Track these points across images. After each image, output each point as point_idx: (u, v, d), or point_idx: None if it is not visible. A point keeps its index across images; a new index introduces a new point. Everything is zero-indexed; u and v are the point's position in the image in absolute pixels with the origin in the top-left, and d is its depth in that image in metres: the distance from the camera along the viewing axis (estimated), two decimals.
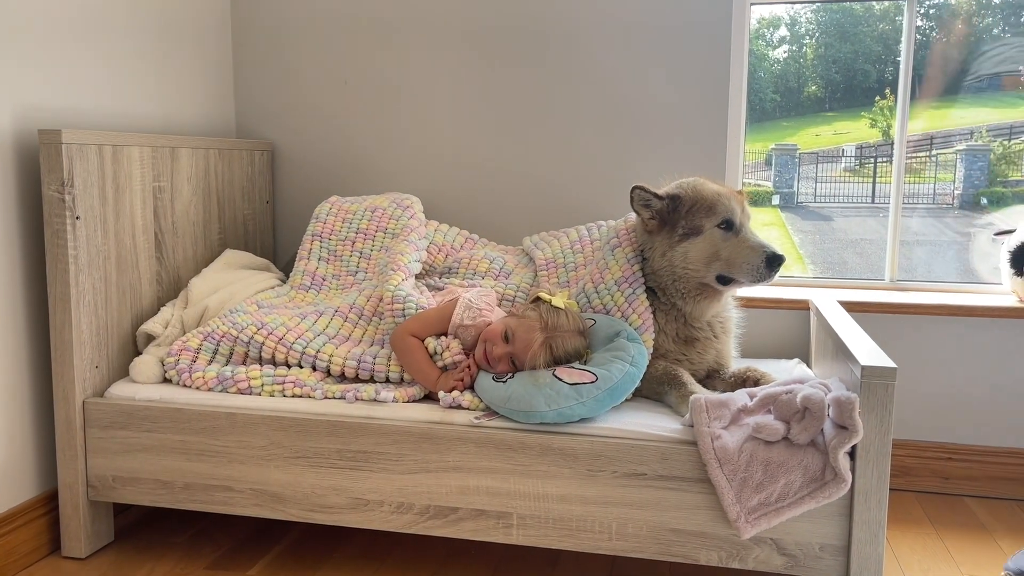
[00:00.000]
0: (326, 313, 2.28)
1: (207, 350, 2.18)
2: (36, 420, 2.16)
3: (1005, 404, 2.55)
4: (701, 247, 2.07)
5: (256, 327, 2.18)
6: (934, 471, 2.59)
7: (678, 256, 2.09)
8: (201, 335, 2.19)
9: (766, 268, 2.02)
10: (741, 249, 2.05)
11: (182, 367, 2.14)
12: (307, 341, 2.16)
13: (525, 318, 2.00)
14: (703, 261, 2.07)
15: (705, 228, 2.07)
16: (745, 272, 2.04)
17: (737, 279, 2.06)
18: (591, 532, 1.87)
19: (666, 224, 2.13)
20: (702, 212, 2.08)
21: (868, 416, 1.68)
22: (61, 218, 2.02)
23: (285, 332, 2.17)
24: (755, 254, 2.03)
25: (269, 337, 2.15)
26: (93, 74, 2.33)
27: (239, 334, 2.17)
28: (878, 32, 4.42)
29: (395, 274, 2.28)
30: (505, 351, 1.98)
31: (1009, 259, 2.53)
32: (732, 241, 2.06)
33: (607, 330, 2.05)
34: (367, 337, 2.23)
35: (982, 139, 4.87)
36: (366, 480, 1.96)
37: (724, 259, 2.05)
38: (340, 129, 2.94)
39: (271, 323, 2.19)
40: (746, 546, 1.79)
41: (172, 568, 2.11)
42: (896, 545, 2.25)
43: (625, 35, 2.70)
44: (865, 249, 5.37)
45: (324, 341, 2.17)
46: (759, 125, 4.53)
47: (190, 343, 2.18)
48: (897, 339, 2.58)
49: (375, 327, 2.26)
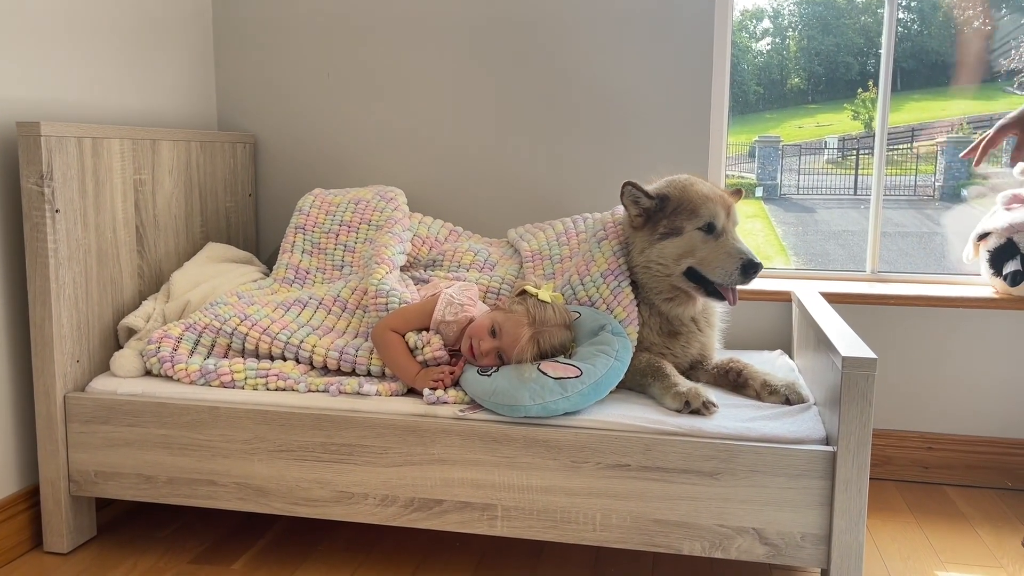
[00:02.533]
0: (309, 305, 2.28)
1: (188, 340, 2.16)
2: (17, 415, 2.14)
3: (985, 394, 2.58)
4: (678, 245, 2.08)
5: (239, 319, 2.17)
6: (914, 460, 2.62)
7: (654, 253, 2.10)
8: (183, 325, 2.18)
9: (740, 274, 2.03)
10: (719, 253, 2.05)
11: (164, 355, 2.12)
12: (291, 332, 2.15)
13: (512, 312, 2.00)
14: (673, 257, 2.08)
15: (686, 230, 2.08)
16: (718, 275, 2.04)
17: (708, 278, 2.07)
18: (575, 523, 1.88)
19: (649, 222, 2.14)
20: (685, 214, 2.09)
21: (848, 406, 1.70)
22: (40, 211, 2.01)
23: (269, 323, 2.16)
24: (731, 260, 2.03)
25: (253, 328, 2.14)
26: (72, 66, 2.30)
27: (222, 325, 2.16)
28: (860, 25, 4.45)
29: (379, 267, 2.28)
30: (492, 346, 1.98)
31: (988, 259, 2.57)
32: (711, 244, 2.07)
33: (592, 323, 2.05)
34: (351, 329, 2.23)
35: (963, 131, 4.91)
36: (350, 473, 1.96)
37: (699, 258, 2.06)
38: (323, 121, 2.92)
39: (255, 314, 2.19)
40: (728, 536, 1.81)
41: (155, 562, 2.10)
42: (876, 534, 2.27)
43: (608, 27, 2.70)
44: (848, 241, 5.41)
45: (308, 332, 2.16)
46: (742, 117, 4.55)
47: (171, 331, 2.17)
48: (878, 330, 2.60)
49: (359, 319, 2.25)
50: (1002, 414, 2.57)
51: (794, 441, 1.79)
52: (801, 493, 1.76)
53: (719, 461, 1.79)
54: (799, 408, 1.95)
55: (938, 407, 2.60)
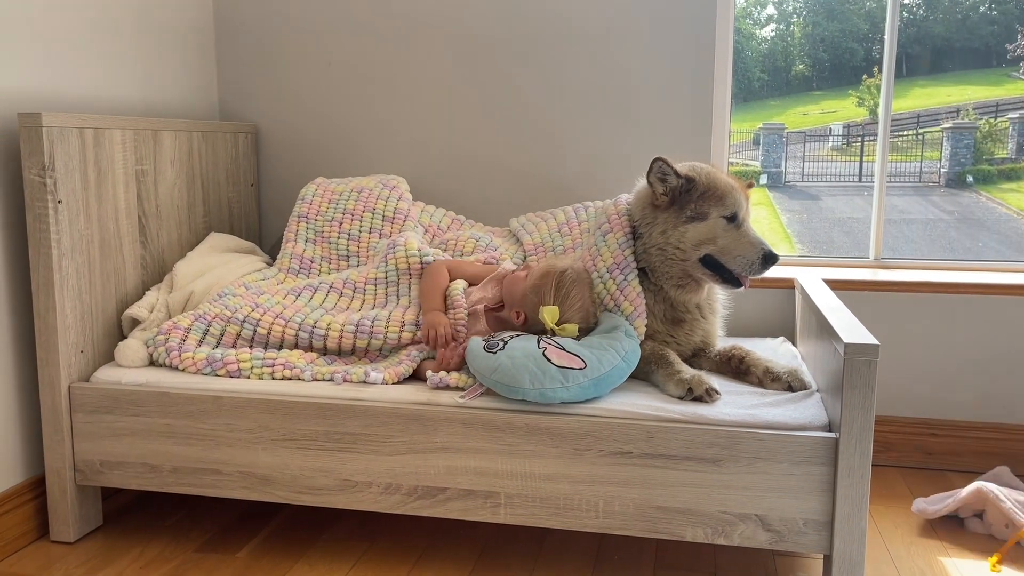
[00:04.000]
0: (320, 289, 2.31)
1: (197, 330, 2.17)
2: (22, 405, 2.15)
3: (987, 380, 2.57)
4: (701, 231, 2.08)
5: (251, 307, 2.19)
6: (917, 446, 2.62)
7: (675, 236, 2.10)
8: (192, 315, 2.19)
9: (760, 264, 2.06)
10: (740, 242, 2.07)
11: (171, 345, 2.13)
12: (305, 314, 2.19)
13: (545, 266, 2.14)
14: (694, 243, 2.08)
15: (711, 216, 2.09)
16: (738, 263, 2.07)
17: (727, 266, 2.07)
18: (578, 511, 1.88)
19: (675, 203, 2.13)
20: (713, 200, 2.09)
21: (851, 392, 1.70)
22: (43, 202, 2.01)
23: (282, 309, 2.19)
24: (752, 249, 2.07)
25: (266, 314, 2.16)
26: (74, 57, 2.30)
27: (233, 314, 2.17)
28: (865, 10, 4.42)
29: (409, 242, 2.35)
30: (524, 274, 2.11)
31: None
32: (733, 233, 2.08)
33: (607, 322, 2.06)
34: (366, 306, 2.25)
35: (968, 117, 4.88)
36: (354, 462, 1.97)
37: (720, 246, 2.07)
38: (324, 111, 2.92)
39: (265, 303, 2.21)
40: (731, 523, 1.81)
41: (161, 551, 2.11)
42: (879, 520, 2.27)
43: (611, 13, 2.69)
44: (852, 228, 5.40)
45: (322, 313, 2.20)
46: (746, 104, 4.53)
47: (181, 323, 2.17)
48: (881, 317, 2.59)
49: (372, 295, 2.29)
50: (1005, 400, 2.57)
51: (797, 428, 1.79)
52: (804, 480, 1.76)
53: (722, 448, 1.79)
54: (802, 395, 1.95)
55: (941, 393, 2.60)
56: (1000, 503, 2.12)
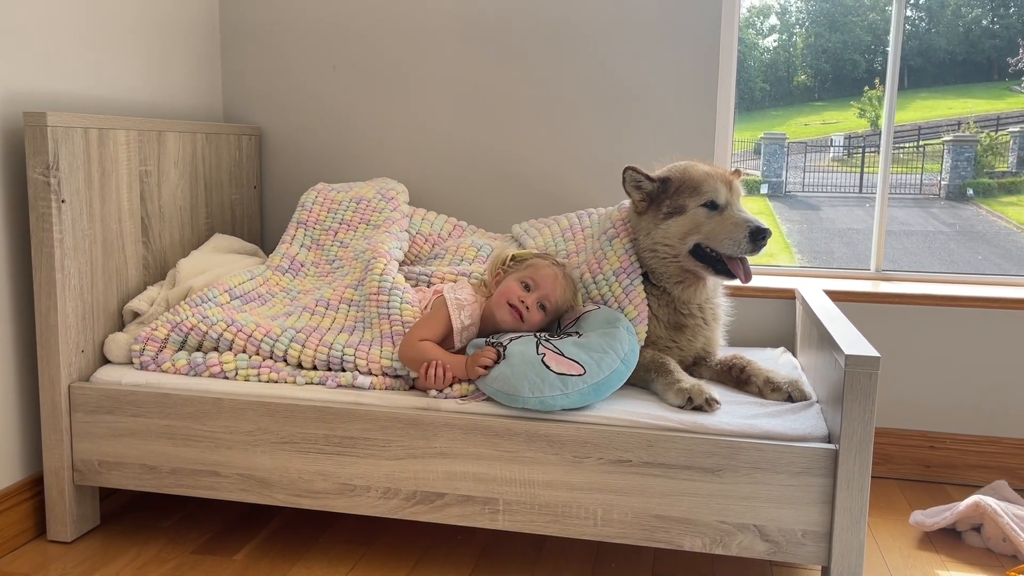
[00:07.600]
0: (293, 314, 2.25)
1: (174, 342, 2.15)
2: (22, 404, 2.15)
3: (987, 393, 2.57)
4: (682, 224, 2.08)
5: (227, 323, 2.13)
6: (916, 459, 2.62)
7: (659, 234, 2.10)
8: (169, 325, 2.15)
9: (749, 242, 2.03)
10: (725, 224, 2.06)
11: (146, 359, 2.12)
12: (275, 338, 2.10)
13: (530, 266, 2.09)
14: (678, 236, 2.08)
15: (689, 208, 2.08)
16: (727, 246, 2.05)
17: (718, 252, 2.07)
18: (576, 518, 1.88)
19: (652, 205, 2.14)
20: (687, 192, 2.09)
21: (851, 404, 1.70)
22: (46, 201, 2.01)
23: (254, 328, 2.12)
24: (738, 228, 2.04)
25: (239, 334, 2.11)
26: (79, 57, 2.31)
27: (208, 330, 2.13)
28: (868, 22, 4.43)
29: (377, 261, 2.28)
30: (536, 297, 2.04)
31: None
32: (716, 218, 2.07)
33: (608, 314, 2.05)
34: (335, 325, 2.20)
35: (969, 130, 4.89)
36: (353, 465, 1.97)
37: (705, 233, 2.07)
38: (328, 114, 2.92)
39: (242, 320, 2.15)
40: (729, 532, 1.81)
41: (158, 552, 2.11)
42: (877, 532, 2.27)
43: (615, 22, 2.69)
44: (853, 239, 5.40)
45: (291, 336, 2.11)
46: (748, 114, 4.53)
47: (157, 332, 2.14)
48: (882, 328, 2.60)
49: (343, 314, 2.24)
50: (1004, 414, 2.57)
51: (796, 439, 1.79)
52: (803, 490, 1.76)
53: (721, 457, 1.79)
54: (802, 406, 1.95)
55: (941, 406, 2.60)
56: (998, 517, 2.12)
